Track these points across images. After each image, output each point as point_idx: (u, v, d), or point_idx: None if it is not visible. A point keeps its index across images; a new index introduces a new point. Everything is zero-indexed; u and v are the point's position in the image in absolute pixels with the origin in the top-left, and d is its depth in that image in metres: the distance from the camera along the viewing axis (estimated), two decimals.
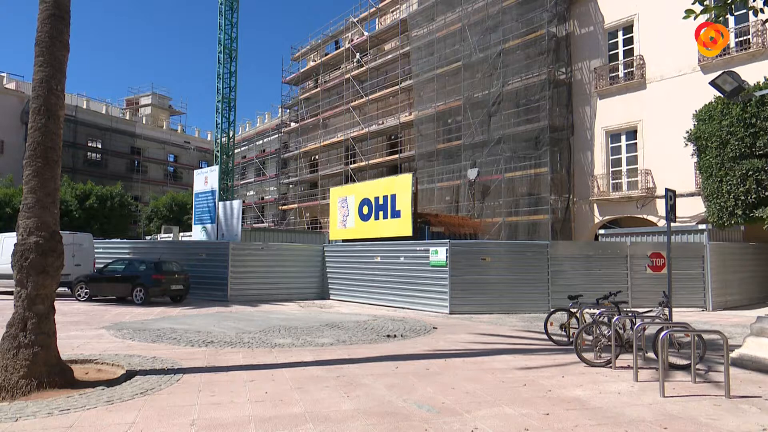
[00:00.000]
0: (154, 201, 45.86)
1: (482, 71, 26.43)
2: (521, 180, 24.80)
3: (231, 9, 35.50)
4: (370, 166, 33.62)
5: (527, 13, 24.88)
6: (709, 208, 16.74)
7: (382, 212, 20.79)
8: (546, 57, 24.15)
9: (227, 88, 35.23)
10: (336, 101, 38.17)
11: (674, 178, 20.10)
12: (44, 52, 7.15)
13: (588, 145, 24.06)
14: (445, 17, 28.67)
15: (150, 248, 21.91)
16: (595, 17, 24.14)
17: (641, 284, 16.65)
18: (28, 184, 6.84)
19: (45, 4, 7.31)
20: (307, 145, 40.35)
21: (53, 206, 6.93)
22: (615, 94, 23.24)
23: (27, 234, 6.62)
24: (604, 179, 23.32)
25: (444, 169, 27.96)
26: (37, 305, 6.52)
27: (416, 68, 30.24)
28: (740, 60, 19.43)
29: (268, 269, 19.59)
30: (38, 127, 6.96)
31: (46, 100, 7.03)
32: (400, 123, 31.66)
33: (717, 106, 16.24)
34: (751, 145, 15.18)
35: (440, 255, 16.08)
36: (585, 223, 24.08)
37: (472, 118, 26.41)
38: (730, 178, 15.59)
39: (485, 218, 25.25)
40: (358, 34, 37.38)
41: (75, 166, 48.67)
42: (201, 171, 26.31)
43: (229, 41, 35.31)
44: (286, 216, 42.53)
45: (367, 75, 34.73)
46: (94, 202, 37.05)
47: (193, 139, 61.84)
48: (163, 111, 62.85)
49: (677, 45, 20.96)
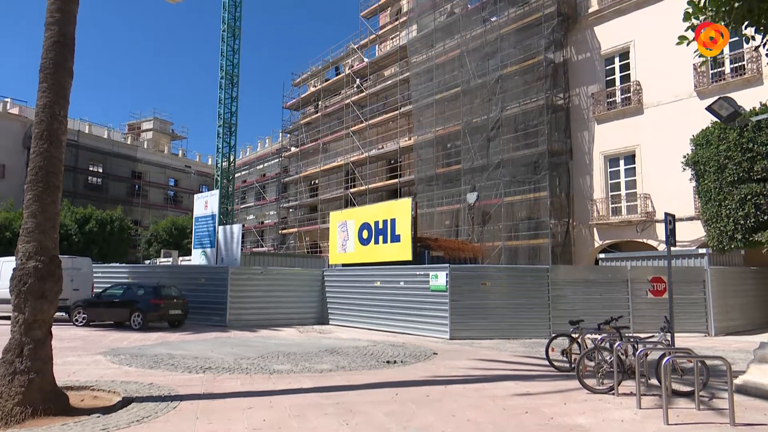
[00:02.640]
0: (154, 225, 45.85)
1: (481, 97, 26.71)
2: (521, 204, 24.86)
3: (233, 36, 36.07)
4: (370, 190, 33.72)
5: (525, 40, 25.25)
6: (709, 233, 16.74)
7: (381, 236, 20.77)
8: (544, 83, 24.44)
9: (228, 113, 35.58)
10: (336, 126, 38.47)
11: (673, 202, 20.14)
12: (48, 78, 7.23)
13: (587, 170, 24.18)
14: (444, 44, 29.09)
15: (149, 273, 21.82)
16: (592, 44, 24.50)
17: (642, 309, 16.54)
18: (29, 208, 6.85)
19: (51, 31, 7.42)
20: (307, 170, 40.54)
21: (53, 230, 6.92)
22: (613, 119, 23.44)
23: (26, 258, 6.60)
24: (603, 203, 23.37)
25: (444, 193, 28.04)
26: (34, 331, 6.47)
27: (416, 94, 30.56)
28: (735, 86, 19.65)
29: (267, 294, 19.49)
30: (40, 152, 7.00)
31: (49, 125, 7.08)
32: (400, 147, 31.86)
33: (714, 131, 16.37)
34: (748, 169, 15.26)
35: (440, 279, 16.02)
36: (585, 247, 24.05)
37: (472, 142, 26.59)
38: (729, 202, 15.63)
39: (485, 242, 25.23)
40: (358, 60, 37.88)
41: (75, 190, 48.79)
42: (201, 195, 26.37)
43: (231, 67, 35.79)
44: (285, 240, 42.49)
45: (366, 100, 35.07)
46: (94, 226, 37.02)
47: (194, 164, 62.13)
48: (164, 136, 63.29)
49: (673, 71, 21.23)
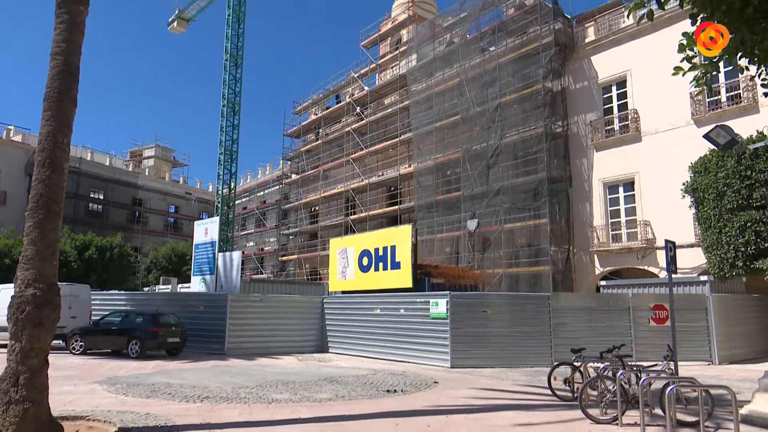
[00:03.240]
0: (154, 252, 45.77)
1: (480, 124, 26.97)
2: (521, 231, 24.87)
3: (236, 65, 36.60)
4: (370, 217, 33.77)
5: (523, 69, 25.61)
6: (710, 260, 16.69)
7: (381, 263, 20.71)
8: (542, 111, 24.70)
9: (230, 141, 35.86)
10: (336, 153, 38.74)
11: (673, 229, 20.15)
12: (52, 107, 7.31)
13: (586, 197, 24.26)
14: (444, 73, 29.50)
15: (147, 300, 21.71)
16: (589, 73, 24.85)
17: (645, 337, 16.39)
18: (29, 235, 6.85)
19: (56, 60, 7.53)
20: (307, 196, 40.67)
21: (53, 258, 6.91)
22: (611, 146, 23.63)
23: (25, 286, 6.58)
24: (603, 230, 23.37)
25: (444, 220, 28.07)
26: (30, 359, 6.40)
27: (415, 121, 30.86)
28: (732, 114, 19.85)
29: (266, 321, 19.33)
30: (42, 179, 7.04)
31: (52, 153, 7.13)
32: (400, 174, 32.02)
33: (712, 159, 16.47)
34: (747, 196, 15.30)
35: (441, 307, 15.92)
36: (586, 274, 23.97)
37: (471, 169, 26.73)
38: (729, 229, 15.64)
39: (486, 269, 25.15)
40: (358, 88, 38.36)
41: (76, 216, 48.85)
42: (201, 222, 26.40)
43: (233, 95, 36.21)
44: (285, 267, 42.36)
45: (367, 128, 35.39)
46: (94, 253, 36.95)
47: (195, 190, 62.35)
48: (165, 163, 63.67)
49: (670, 99, 21.47)
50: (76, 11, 7.71)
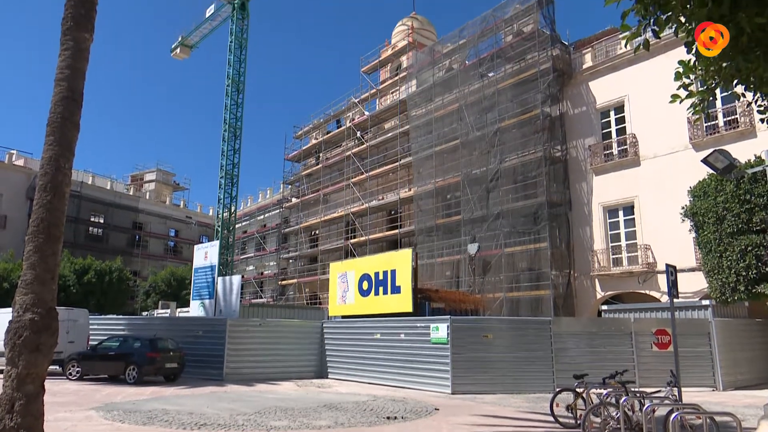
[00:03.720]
0: (153, 276, 45.61)
1: (480, 149, 27.14)
2: (521, 255, 24.82)
3: (237, 90, 37.00)
4: (370, 241, 33.74)
5: (522, 94, 25.87)
6: (711, 284, 16.62)
7: (382, 288, 20.63)
8: (541, 135, 24.87)
9: (230, 165, 36.04)
10: (337, 177, 38.89)
11: (674, 253, 20.11)
12: (55, 132, 7.37)
13: (586, 221, 24.27)
14: (443, 98, 29.80)
15: (146, 324, 21.55)
16: (587, 98, 25.10)
17: (648, 362, 16.22)
18: (29, 259, 6.84)
19: (60, 87, 7.62)
20: (307, 220, 40.70)
21: (52, 282, 6.88)
22: (610, 170, 23.73)
23: (23, 311, 6.54)
24: (604, 254, 23.33)
25: (444, 244, 28.04)
26: (26, 385, 6.32)
27: (415, 146, 31.06)
28: (730, 138, 19.99)
29: (265, 346, 19.16)
30: (43, 204, 7.05)
31: (53, 177, 7.16)
32: (400, 198, 32.10)
33: (711, 183, 16.53)
34: (747, 220, 15.32)
35: (441, 332, 15.80)
36: (587, 298, 23.84)
37: (471, 193, 26.81)
38: (730, 253, 15.61)
39: (486, 293, 25.02)
40: (359, 113, 38.70)
41: (76, 240, 48.81)
42: (201, 246, 26.38)
43: (234, 120, 36.52)
44: (285, 291, 42.16)
45: (367, 152, 35.60)
46: (93, 277, 36.83)
47: (195, 214, 62.42)
48: (166, 187, 63.88)
49: (667, 124, 21.63)
50: (81, 38, 7.82)
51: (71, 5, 7.83)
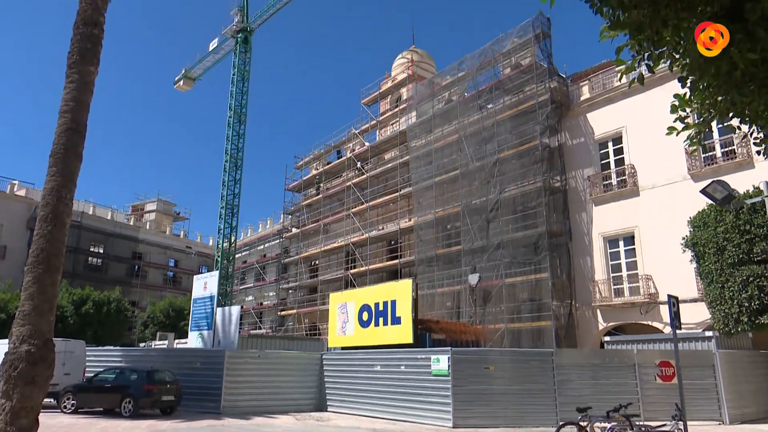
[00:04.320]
0: (151, 307, 45.30)
1: (479, 179, 27.27)
2: (522, 285, 24.69)
3: (239, 121, 37.46)
4: (371, 271, 33.62)
5: (520, 126, 26.13)
6: (714, 315, 16.50)
7: (382, 318, 20.47)
8: (540, 166, 25.02)
9: (231, 195, 36.23)
10: (337, 207, 38.98)
11: (675, 283, 20.00)
12: (58, 163, 7.43)
13: (587, 251, 24.23)
14: (443, 129, 30.10)
15: (143, 356, 21.31)
16: (585, 129, 25.34)
17: (652, 395, 15.97)
18: (27, 290, 6.81)
19: (64, 118, 7.72)
20: (307, 250, 40.61)
21: (50, 313, 6.85)
22: (610, 201, 23.79)
23: (19, 342, 6.48)
24: (605, 284, 23.20)
25: (444, 274, 27.93)
26: (20, 419, 6.23)
27: (415, 176, 31.22)
28: (727, 169, 20.10)
29: (263, 379, 18.89)
30: (43, 234, 7.06)
31: (55, 208, 7.20)
32: (400, 228, 32.11)
33: (710, 213, 16.57)
34: (748, 251, 15.29)
35: (442, 363, 15.60)
36: (589, 329, 23.61)
37: (471, 224, 26.83)
38: (732, 284, 15.53)
39: (487, 324, 24.80)
40: (359, 144, 39.04)
41: (75, 270, 48.63)
42: (201, 276, 26.28)
43: (236, 151, 36.86)
44: (284, 322, 41.79)
45: (367, 182, 35.77)
46: (90, 308, 36.57)
47: (195, 244, 62.33)
48: (167, 217, 63.99)
49: (665, 154, 21.75)
50: (87, 71, 7.96)
51: (77, 39, 8.00)
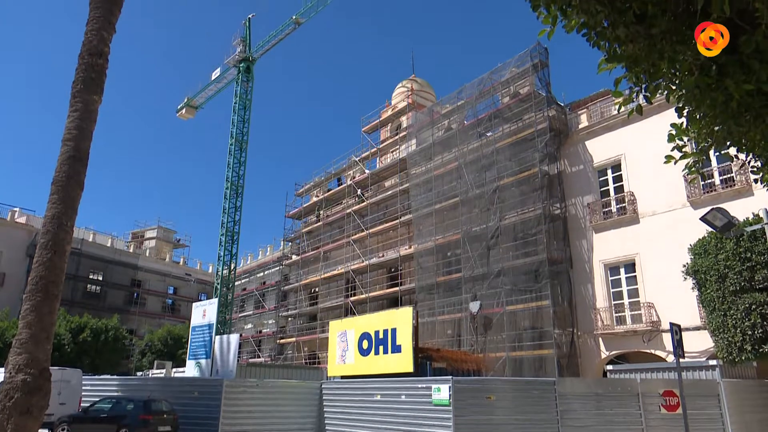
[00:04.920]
0: (149, 335, 44.91)
1: (479, 206, 27.32)
2: (523, 313, 24.51)
3: (240, 149, 37.73)
4: (371, 298, 33.42)
5: (520, 153, 26.30)
6: (717, 343, 16.33)
7: (382, 347, 20.26)
8: (540, 193, 25.09)
9: (231, 222, 36.27)
10: (337, 234, 38.96)
11: (678, 311, 19.86)
12: (59, 191, 7.47)
13: (588, 278, 24.11)
14: (442, 157, 30.29)
15: (140, 385, 21.01)
16: (584, 157, 25.49)
17: (657, 426, 15.67)
18: (25, 318, 6.77)
19: (67, 146, 7.79)
20: (307, 278, 40.43)
21: (47, 341, 6.79)
22: (610, 228, 23.78)
23: (15, 371, 6.41)
24: (607, 312, 23.03)
25: (445, 302, 27.75)
26: None
27: (415, 203, 31.29)
28: (727, 196, 20.15)
29: (262, 408, 18.56)
30: (43, 262, 7.06)
31: (55, 235, 7.21)
32: (400, 256, 32.03)
33: (711, 241, 16.54)
34: (749, 278, 15.22)
35: (443, 393, 15.37)
36: (591, 358, 23.35)
37: (471, 251, 26.78)
38: (734, 312, 15.42)
39: (489, 353, 24.54)
40: (359, 171, 39.23)
41: (73, 298, 48.38)
42: (200, 304, 26.13)
43: (237, 178, 37.04)
44: (283, 350, 41.36)
45: (367, 209, 35.84)
46: (88, 336, 36.25)
47: (195, 272, 62.15)
48: (167, 244, 63.96)
49: (665, 182, 21.81)
50: (91, 100, 8.07)
51: (82, 69, 8.13)
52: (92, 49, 8.11)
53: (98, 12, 8.25)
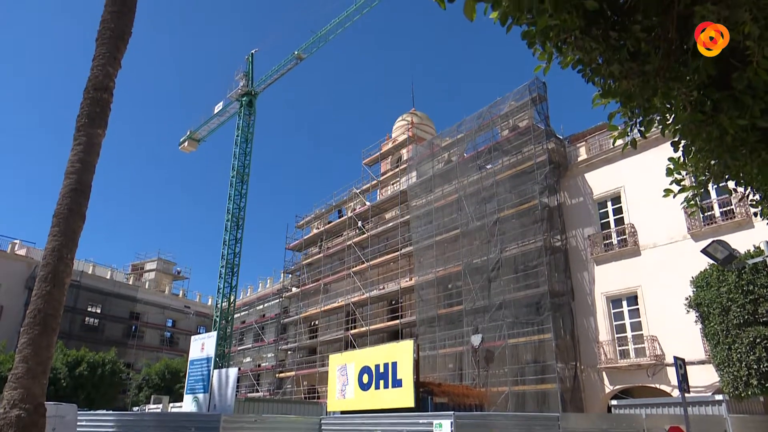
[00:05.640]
0: (147, 368, 44.31)
1: (480, 238, 27.31)
2: (525, 346, 24.22)
3: (241, 181, 37.97)
4: (371, 331, 33.09)
5: (519, 186, 26.42)
6: (723, 378, 16.07)
7: (382, 381, 19.94)
8: (540, 225, 25.10)
9: (231, 254, 36.20)
10: (338, 266, 38.83)
11: (682, 344, 19.64)
12: (61, 223, 7.49)
13: (590, 311, 23.91)
14: (443, 189, 30.44)
15: (136, 421, 20.53)
16: (584, 189, 25.60)
17: None
18: (22, 352, 6.71)
19: (69, 179, 7.85)
20: (307, 310, 40.12)
21: (43, 376, 6.71)
22: (611, 260, 23.70)
23: (10, 407, 6.32)
24: (610, 346, 22.76)
25: (446, 335, 27.47)
26: None
27: (416, 235, 31.29)
28: (727, 229, 20.15)
29: None
30: (42, 294, 7.03)
31: (55, 267, 7.19)
32: (401, 288, 31.86)
33: (713, 273, 16.45)
34: (753, 311, 15.08)
35: (444, 429, 15.03)
36: (595, 392, 22.97)
37: (472, 283, 26.65)
38: (739, 345, 15.22)
39: (491, 387, 24.15)
40: (360, 203, 39.37)
41: (71, 331, 47.92)
42: (198, 337, 25.82)
43: (237, 210, 37.15)
44: (282, 384, 40.74)
45: (368, 241, 35.82)
46: (85, 370, 35.74)
47: (194, 304, 61.72)
48: (166, 276, 63.70)
49: (665, 214, 21.82)
50: (95, 134, 8.17)
51: (87, 103, 8.26)
52: (98, 84, 8.25)
53: (104, 48, 8.44)
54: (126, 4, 8.77)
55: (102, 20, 8.72)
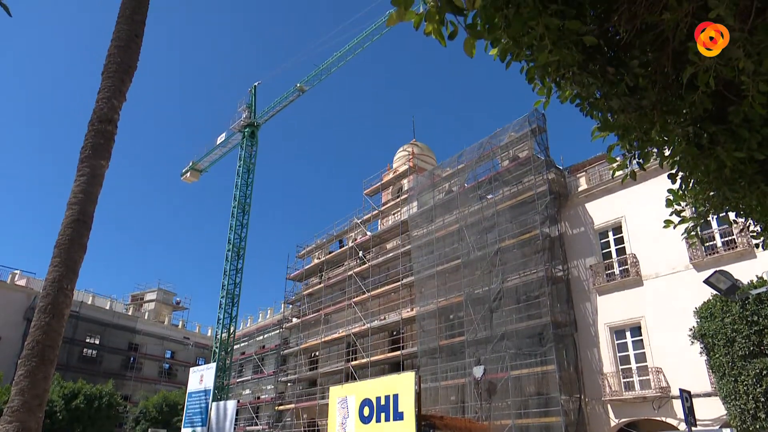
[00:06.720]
0: (144, 401, 43.62)
1: (481, 268, 27.19)
2: (528, 378, 23.87)
3: (243, 212, 38.08)
4: (372, 363, 32.67)
5: (520, 216, 26.44)
6: (730, 411, 15.78)
7: (384, 414, 19.60)
8: (542, 255, 25.01)
9: (232, 284, 36.04)
10: (338, 297, 38.57)
11: (687, 376, 19.35)
12: (62, 254, 7.49)
13: (593, 342, 23.64)
14: (444, 219, 30.46)
15: None
16: (585, 219, 25.61)
17: None
18: (18, 384, 6.62)
19: (72, 210, 7.87)
20: (307, 341, 39.68)
21: (39, 409, 6.62)
22: (613, 290, 23.54)
23: None
24: (614, 377, 22.42)
25: (448, 366, 27.10)
26: None
27: (417, 266, 31.17)
28: (729, 259, 20.07)
29: None
30: (41, 326, 6.98)
31: (55, 299, 7.16)
32: (402, 318, 31.58)
33: (716, 304, 16.32)
34: (758, 343, 14.91)
35: None
36: (600, 426, 22.52)
37: (474, 313, 26.42)
38: (745, 377, 15.00)
39: (494, 420, 23.70)
40: (361, 234, 39.33)
41: (69, 362, 47.38)
42: (197, 369, 25.58)
43: (239, 240, 37.14)
44: (282, 417, 40.02)
45: (369, 272, 35.66)
46: (81, 402, 35.21)
47: (193, 335, 61.14)
48: (166, 306, 63.27)
49: (666, 243, 21.74)
50: (98, 165, 8.24)
51: (92, 135, 8.35)
52: (102, 116, 8.36)
53: (110, 82, 8.57)
54: (132, 39, 8.96)
55: (108, 54, 8.88)
